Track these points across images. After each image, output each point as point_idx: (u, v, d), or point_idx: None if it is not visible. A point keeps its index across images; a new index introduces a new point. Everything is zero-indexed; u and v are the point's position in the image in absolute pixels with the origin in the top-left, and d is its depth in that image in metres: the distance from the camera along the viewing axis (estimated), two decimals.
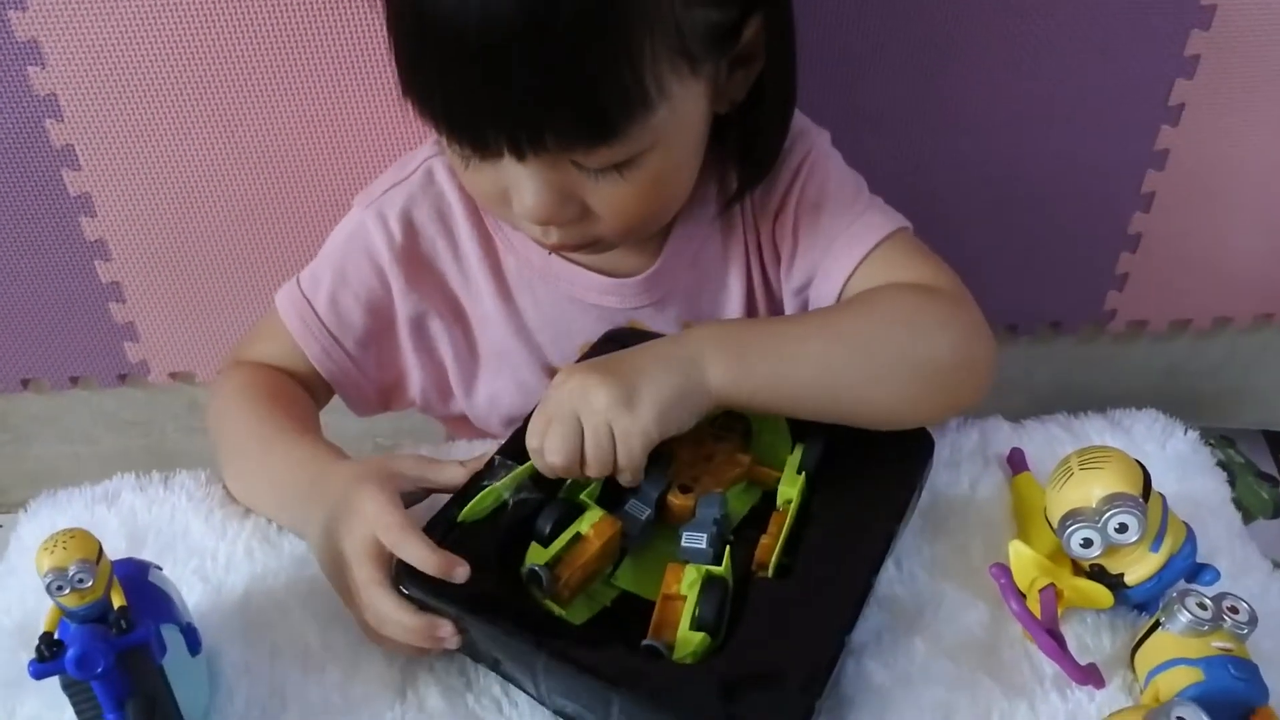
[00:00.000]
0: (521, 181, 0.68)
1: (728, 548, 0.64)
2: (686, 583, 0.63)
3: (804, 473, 0.70)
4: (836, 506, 0.69)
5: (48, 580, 0.57)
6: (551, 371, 0.87)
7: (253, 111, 0.95)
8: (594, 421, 0.64)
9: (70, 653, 0.56)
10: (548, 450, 0.65)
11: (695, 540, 0.64)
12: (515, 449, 0.69)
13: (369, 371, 0.87)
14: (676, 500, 0.68)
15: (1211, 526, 0.77)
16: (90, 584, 0.58)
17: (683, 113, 0.69)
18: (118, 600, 0.59)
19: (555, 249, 0.76)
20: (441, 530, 0.65)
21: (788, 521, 0.67)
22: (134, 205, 0.98)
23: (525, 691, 0.64)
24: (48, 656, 0.57)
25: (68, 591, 0.57)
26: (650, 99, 0.65)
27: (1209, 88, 1.02)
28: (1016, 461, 0.82)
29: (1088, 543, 0.68)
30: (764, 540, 0.66)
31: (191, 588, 0.71)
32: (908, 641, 0.69)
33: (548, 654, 0.59)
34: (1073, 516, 0.68)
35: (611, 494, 0.69)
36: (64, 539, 0.58)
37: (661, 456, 0.72)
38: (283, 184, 1.00)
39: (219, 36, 0.90)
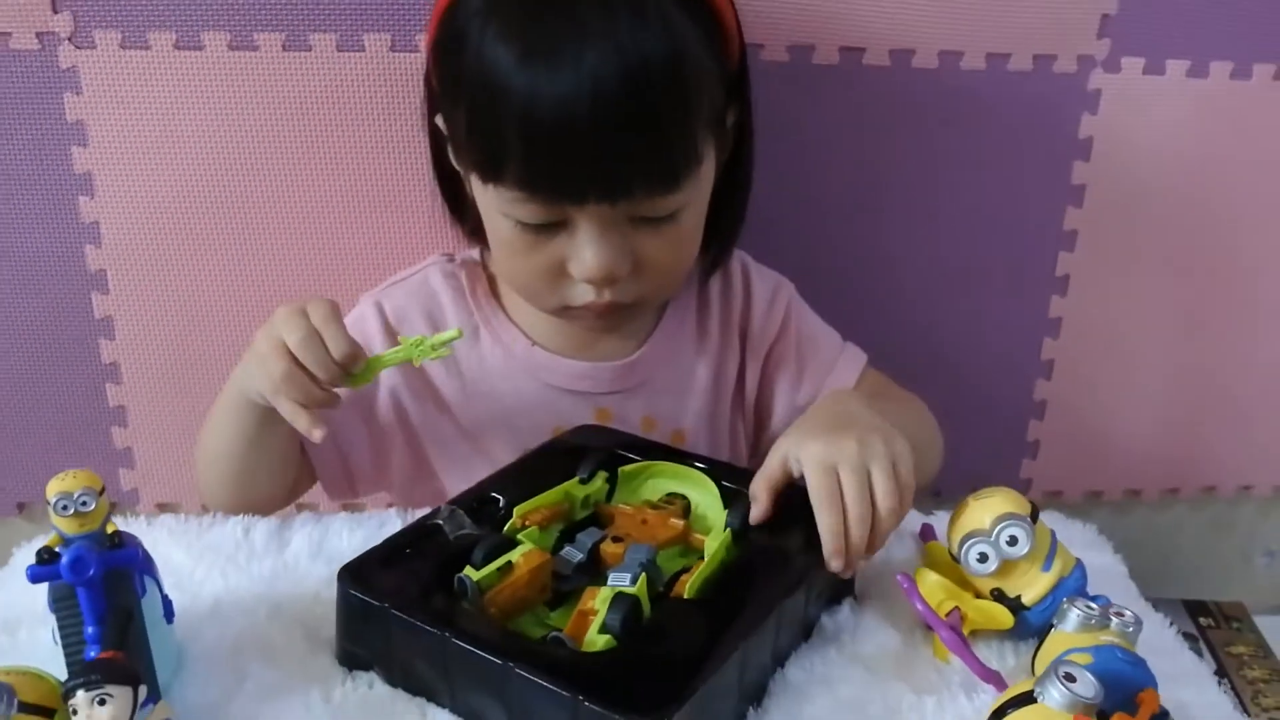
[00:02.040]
0: (585, 246, 0.85)
1: (644, 575, 0.71)
2: (599, 599, 0.69)
3: (729, 529, 0.77)
4: (758, 555, 0.76)
5: (54, 500, 0.65)
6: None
7: (269, 251, 1.09)
8: (884, 465, 0.76)
9: (65, 557, 0.63)
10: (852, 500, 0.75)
11: (620, 579, 0.71)
12: (461, 502, 0.79)
13: (350, 450, 0.97)
14: (609, 548, 0.77)
15: (1110, 592, 0.84)
16: (91, 508, 0.66)
17: (707, 173, 0.88)
18: (111, 529, 0.67)
19: (604, 310, 0.90)
20: (385, 554, 0.74)
21: (708, 558, 0.74)
22: (151, 329, 1.10)
23: (441, 705, 0.68)
24: (46, 560, 0.64)
25: (71, 512, 0.65)
26: (700, 156, 0.85)
27: (1089, 261, 1.18)
28: (927, 533, 0.91)
29: (983, 557, 0.77)
30: (684, 577, 0.73)
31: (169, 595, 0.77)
32: (823, 651, 0.76)
33: (454, 637, 0.65)
34: (969, 536, 0.77)
35: (555, 545, 0.79)
36: (73, 472, 0.67)
37: (602, 519, 0.82)
38: None
39: (248, 181, 1.06)
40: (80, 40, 1.00)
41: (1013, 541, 0.76)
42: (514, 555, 0.72)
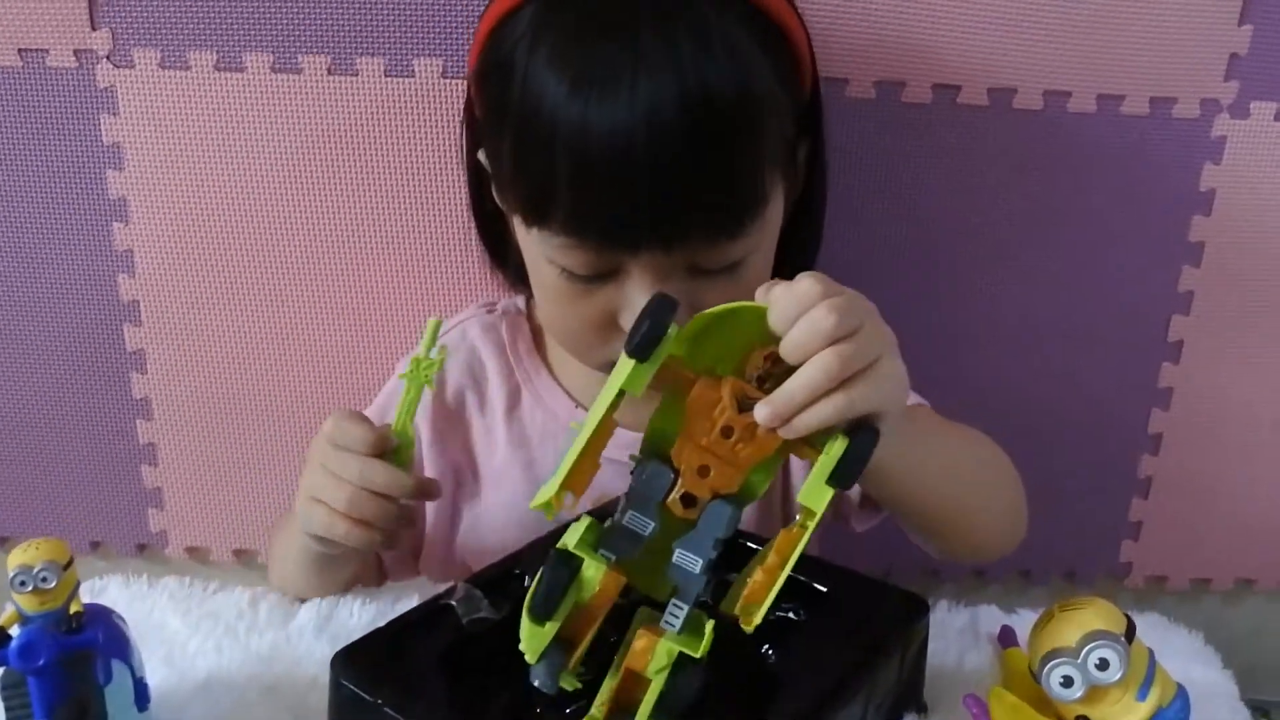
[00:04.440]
0: (638, 297, 0.76)
1: (710, 626, 0.58)
2: (655, 666, 0.57)
3: (834, 487, 0.59)
4: (811, 653, 0.67)
5: (13, 574, 0.60)
6: None
7: (308, 284, 1.03)
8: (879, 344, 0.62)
9: (14, 642, 0.57)
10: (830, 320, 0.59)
11: (689, 561, 0.59)
12: (480, 579, 0.70)
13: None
14: (678, 511, 0.60)
15: (1217, 716, 0.75)
16: (53, 586, 0.60)
17: (774, 216, 0.80)
18: (74, 608, 0.61)
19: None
20: (387, 639, 0.66)
21: (789, 566, 0.59)
22: (185, 363, 1.05)
23: None
24: None
25: (30, 589, 0.59)
26: (766, 197, 0.76)
27: (1205, 325, 1.07)
28: (1007, 638, 0.80)
29: (1068, 681, 0.66)
30: (759, 578, 0.59)
31: (155, 670, 0.71)
32: None
33: None
34: (1052, 655, 0.67)
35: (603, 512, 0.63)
36: (38, 542, 0.61)
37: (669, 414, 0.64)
38: (323, 371, 1.06)
39: (289, 211, 1.00)
40: (119, 59, 0.95)
41: (1103, 665, 0.65)
42: (583, 592, 0.58)
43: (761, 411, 0.58)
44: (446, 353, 0.74)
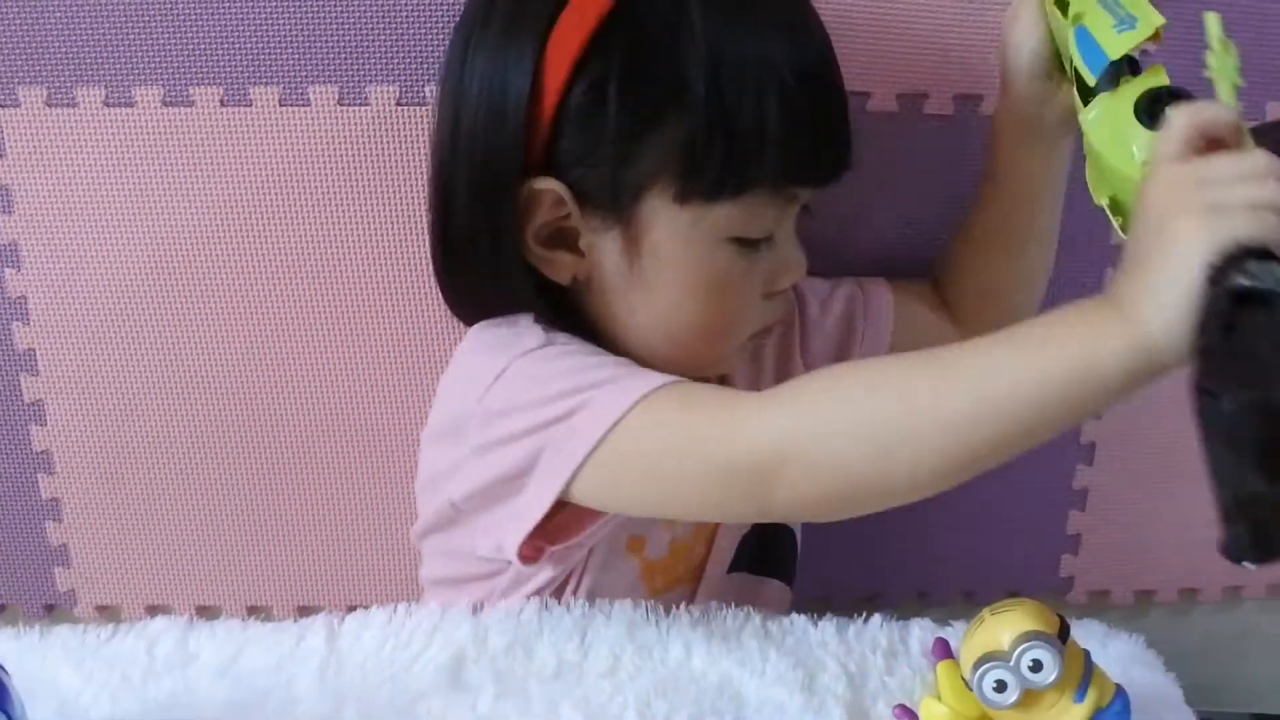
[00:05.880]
0: (791, 246, 0.82)
1: None
2: None
3: None
4: None
5: None
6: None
7: (223, 330, 0.99)
8: None
9: None
10: None
11: None
12: None
13: None
14: None
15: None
16: None
17: None
18: None
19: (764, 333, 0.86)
20: None
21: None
22: (87, 414, 1.00)
23: None
24: None
25: None
26: None
27: None
28: (940, 650, 0.77)
29: (1001, 686, 0.65)
30: None
31: None
32: None
33: None
34: (984, 660, 0.65)
35: None
36: None
37: None
38: (239, 417, 1.01)
39: (202, 254, 0.96)
40: (3, 97, 0.91)
41: (1036, 667, 0.64)
42: None
43: None
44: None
